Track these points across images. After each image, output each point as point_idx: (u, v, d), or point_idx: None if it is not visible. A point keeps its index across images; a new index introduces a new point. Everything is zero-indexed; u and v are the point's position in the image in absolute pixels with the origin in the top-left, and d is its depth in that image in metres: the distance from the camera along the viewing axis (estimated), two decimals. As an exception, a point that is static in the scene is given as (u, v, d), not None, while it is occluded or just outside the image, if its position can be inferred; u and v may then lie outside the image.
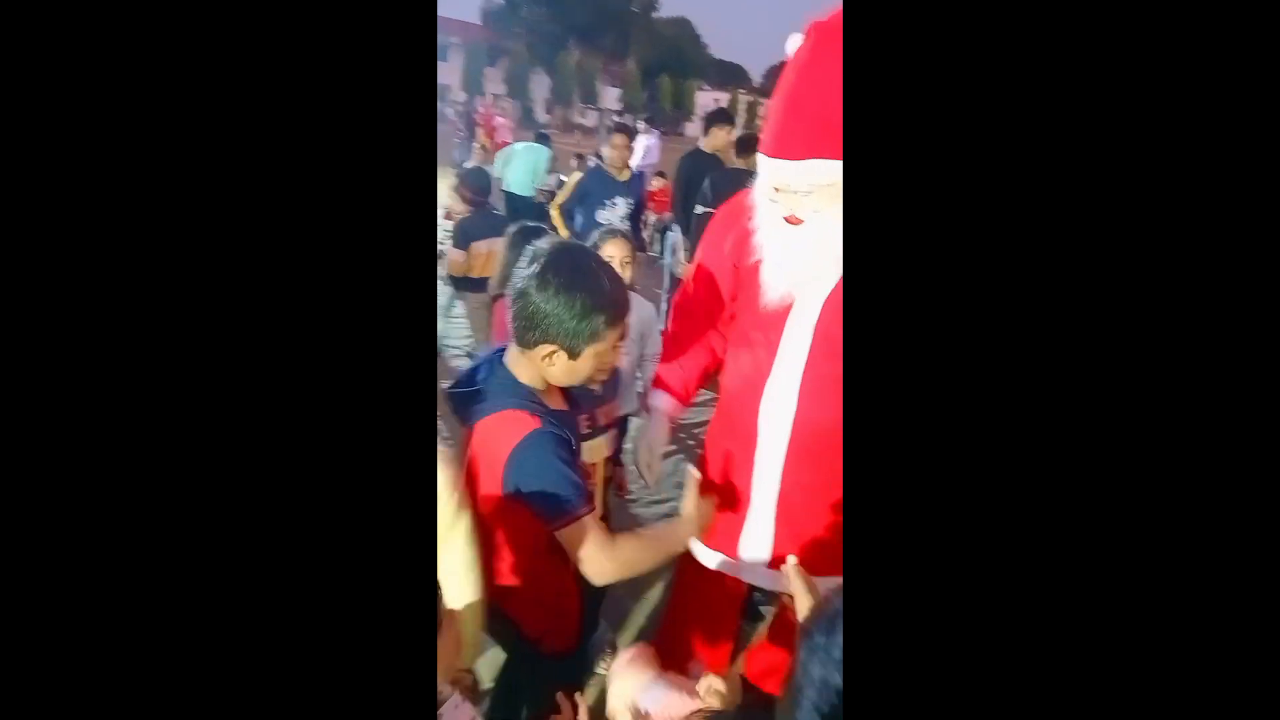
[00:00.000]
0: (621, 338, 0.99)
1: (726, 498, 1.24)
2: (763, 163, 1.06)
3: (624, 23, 47.45)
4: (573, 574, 1.05)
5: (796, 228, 1.05)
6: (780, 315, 1.13)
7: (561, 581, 1.08)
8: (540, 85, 38.33)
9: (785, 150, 1.01)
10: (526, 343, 0.96)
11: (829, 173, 0.98)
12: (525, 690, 1.15)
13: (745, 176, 1.31)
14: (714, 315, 1.27)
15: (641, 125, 9.72)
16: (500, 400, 0.97)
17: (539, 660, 1.09)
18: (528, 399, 0.98)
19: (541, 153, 5.83)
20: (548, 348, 0.95)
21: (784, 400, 1.14)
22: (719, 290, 1.25)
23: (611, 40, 46.28)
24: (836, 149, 0.97)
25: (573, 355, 0.96)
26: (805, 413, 1.13)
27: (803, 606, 0.84)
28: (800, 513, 1.17)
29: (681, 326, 1.31)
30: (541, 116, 35.29)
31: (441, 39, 34.24)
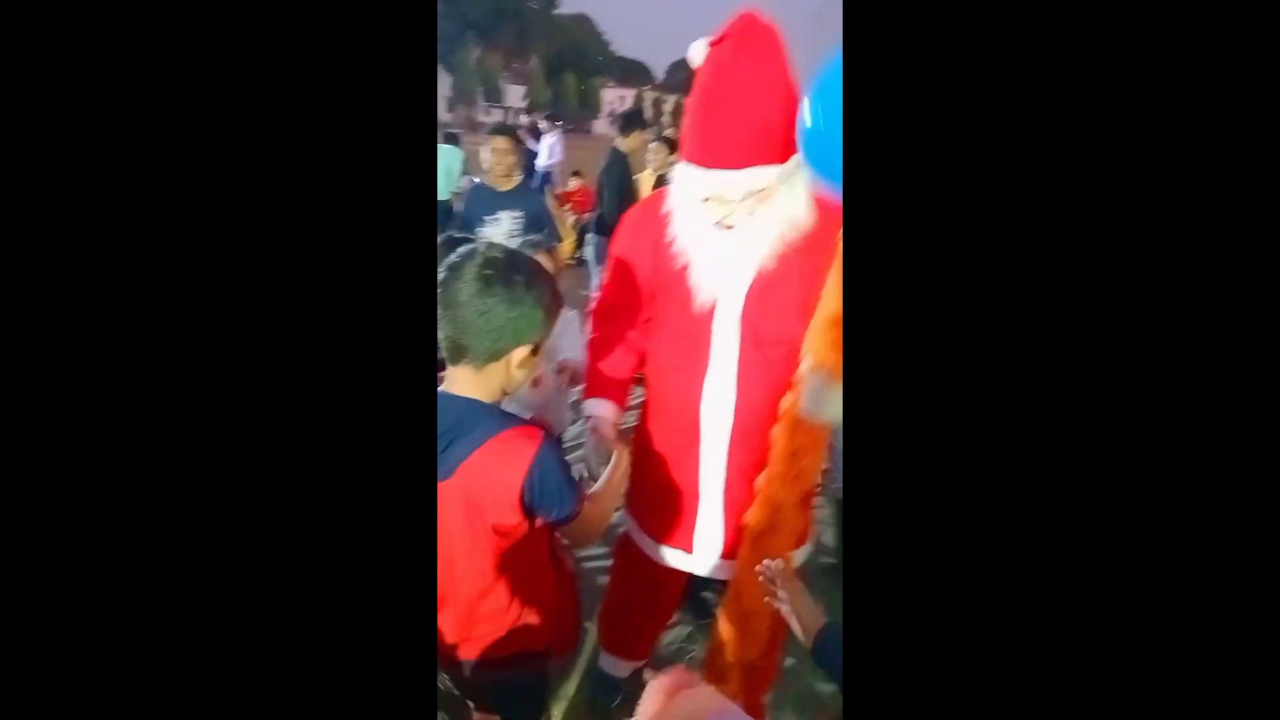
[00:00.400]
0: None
1: (673, 498, 1.28)
2: (690, 172, 1.05)
3: (524, 20, 46.80)
4: (568, 574, 1.08)
5: (726, 232, 1.06)
6: (707, 315, 1.14)
7: (562, 584, 1.07)
8: (441, 84, 37.24)
9: (721, 160, 1.00)
10: (491, 355, 0.89)
11: (762, 179, 1.00)
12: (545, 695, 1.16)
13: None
14: (634, 317, 1.28)
15: (543, 124, 9.57)
16: (481, 430, 0.89)
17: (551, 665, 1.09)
18: (508, 417, 0.93)
19: (454, 155, 5.54)
20: (521, 351, 0.90)
21: (724, 395, 1.17)
22: (638, 293, 1.23)
23: (512, 37, 45.55)
24: (772, 155, 0.99)
25: (536, 351, 0.93)
26: (744, 404, 1.16)
27: (804, 625, 0.89)
28: (745, 500, 1.23)
29: (604, 331, 1.31)
30: (444, 115, 34.28)
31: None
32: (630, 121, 3.87)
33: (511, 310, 0.86)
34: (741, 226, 1.05)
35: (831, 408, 0.99)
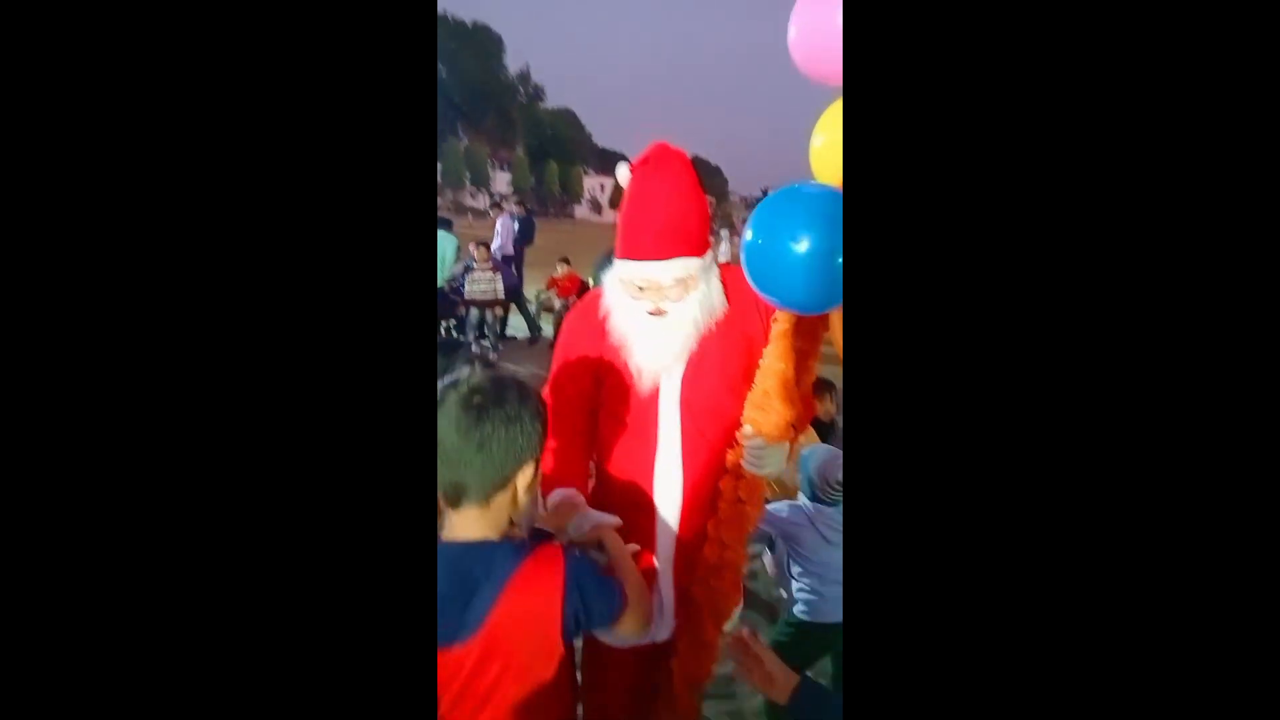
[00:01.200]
0: None
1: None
2: (626, 266, 1.22)
3: (510, 112, 49.30)
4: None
5: (659, 318, 1.22)
6: (651, 399, 1.27)
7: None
8: (429, 168, 38.82)
9: (652, 253, 1.19)
10: (497, 487, 0.84)
11: (687, 268, 1.19)
12: None
13: None
14: (583, 409, 1.35)
15: (492, 210, 9.56)
16: (500, 572, 0.83)
17: None
18: (518, 547, 0.87)
19: (447, 241, 5.43)
20: (526, 473, 0.86)
21: (672, 473, 1.29)
22: (585, 385, 1.34)
23: (499, 127, 47.84)
24: (693, 249, 1.19)
25: (538, 467, 0.89)
26: (690, 479, 1.28)
27: (778, 689, 0.91)
28: (690, 571, 1.34)
29: (556, 428, 1.33)
30: (431, 198, 35.57)
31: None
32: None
33: (511, 431, 0.83)
34: (672, 312, 1.23)
35: (771, 466, 1.17)
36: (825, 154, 1.18)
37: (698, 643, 1.12)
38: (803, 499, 1.79)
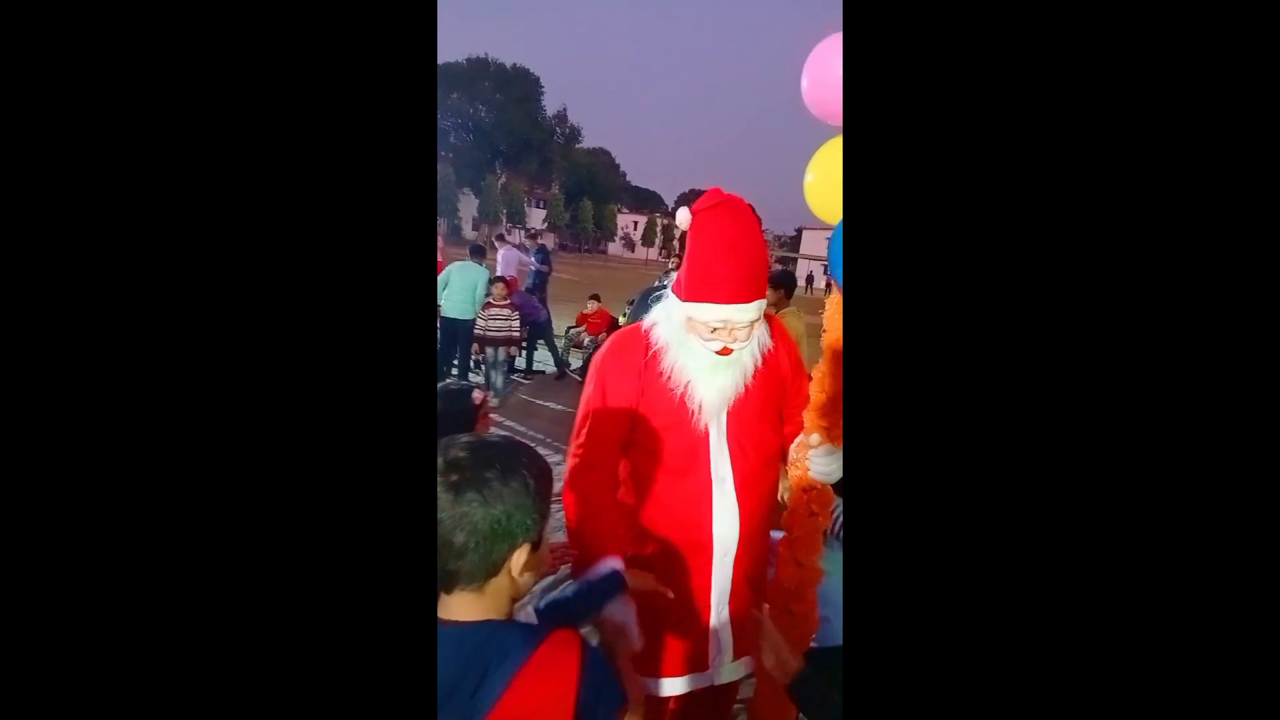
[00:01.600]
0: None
1: (689, 624, 1.30)
2: (701, 308, 1.22)
3: (547, 151, 50.72)
4: None
5: (725, 358, 1.25)
6: (704, 436, 1.27)
7: None
8: (469, 205, 40.01)
9: (735, 296, 1.21)
10: (488, 571, 0.77)
11: (760, 309, 1.24)
12: None
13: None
14: (620, 446, 1.32)
15: (496, 240, 9.65)
16: (513, 655, 0.76)
17: None
18: (532, 630, 0.81)
19: (480, 273, 5.56)
20: (521, 553, 0.78)
21: (730, 510, 1.28)
22: (626, 423, 1.30)
23: (536, 167, 49.18)
24: (762, 293, 1.24)
25: (539, 545, 0.81)
26: (746, 513, 1.29)
27: (783, 671, 0.98)
28: (748, 600, 1.32)
29: (596, 466, 1.30)
30: (470, 234, 36.56)
31: (370, 161, 35.20)
32: (784, 283, 4.06)
33: (494, 510, 0.74)
34: (739, 351, 1.26)
35: (840, 471, 1.21)
36: (815, 188, 1.32)
37: (785, 676, 1.04)
38: None
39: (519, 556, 0.78)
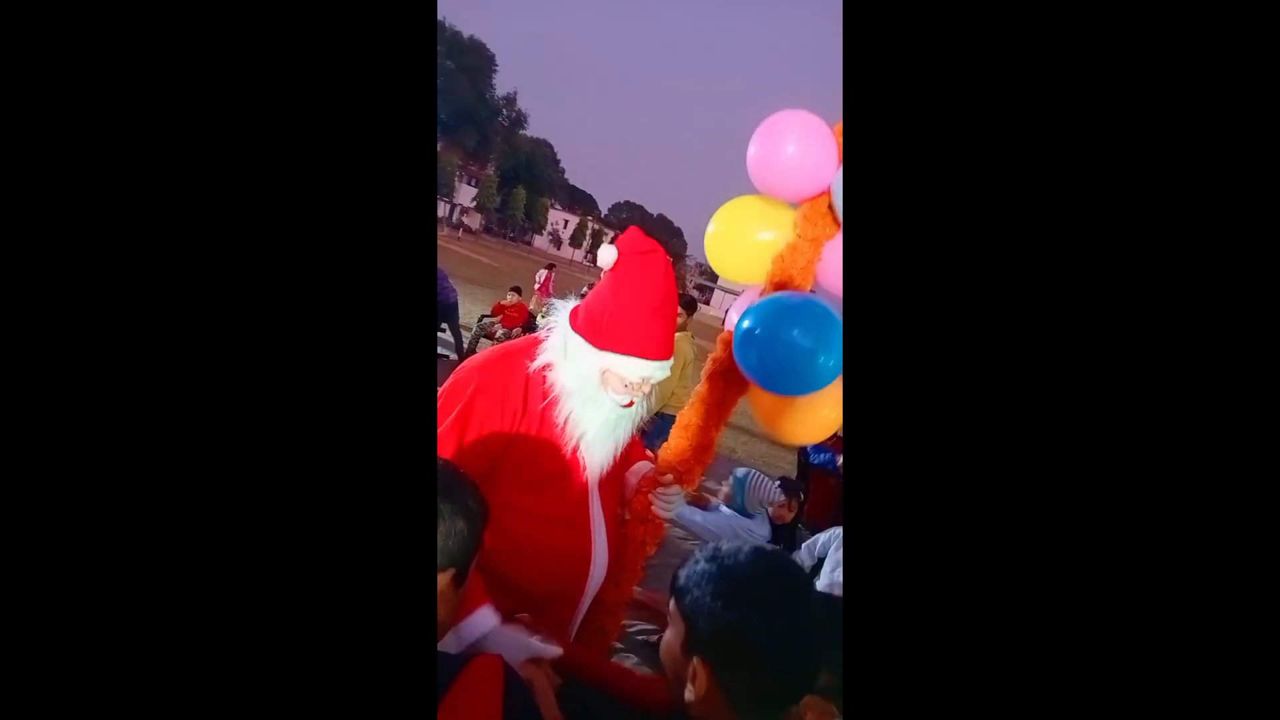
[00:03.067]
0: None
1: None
2: (621, 361, 1.15)
3: (488, 131, 49.48)
4: None
5: (626, 411, 1.21)
6: (585, 485, 1.22)
7: None
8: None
9: (660, 353, 1.17)
10: None
11: (661, 371, 1.18)
12: None
13: None
14: (486, 470, 1.20)
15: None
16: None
17: None
18: (456, 660, 0.80)
19: None
20: (443, 579, 0.77)
21: (600, 556, 1.25)
22: (498, 451, 1.19)
23: (475, 143, 47.81)
24: (669, 353, 1.19)
25: (462, 578, 0.80)
26: (613, 559, 1.28)
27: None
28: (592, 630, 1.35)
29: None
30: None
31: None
32: (687, 306, 3.97)
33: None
34: (638, 403, 1.22)
35: (676, 509, 1.32)
36: (714, 240, 1.39)
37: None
38: (722, 508, 2.38)
39: (441, 580, 0.77)
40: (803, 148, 1.23)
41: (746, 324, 1.22)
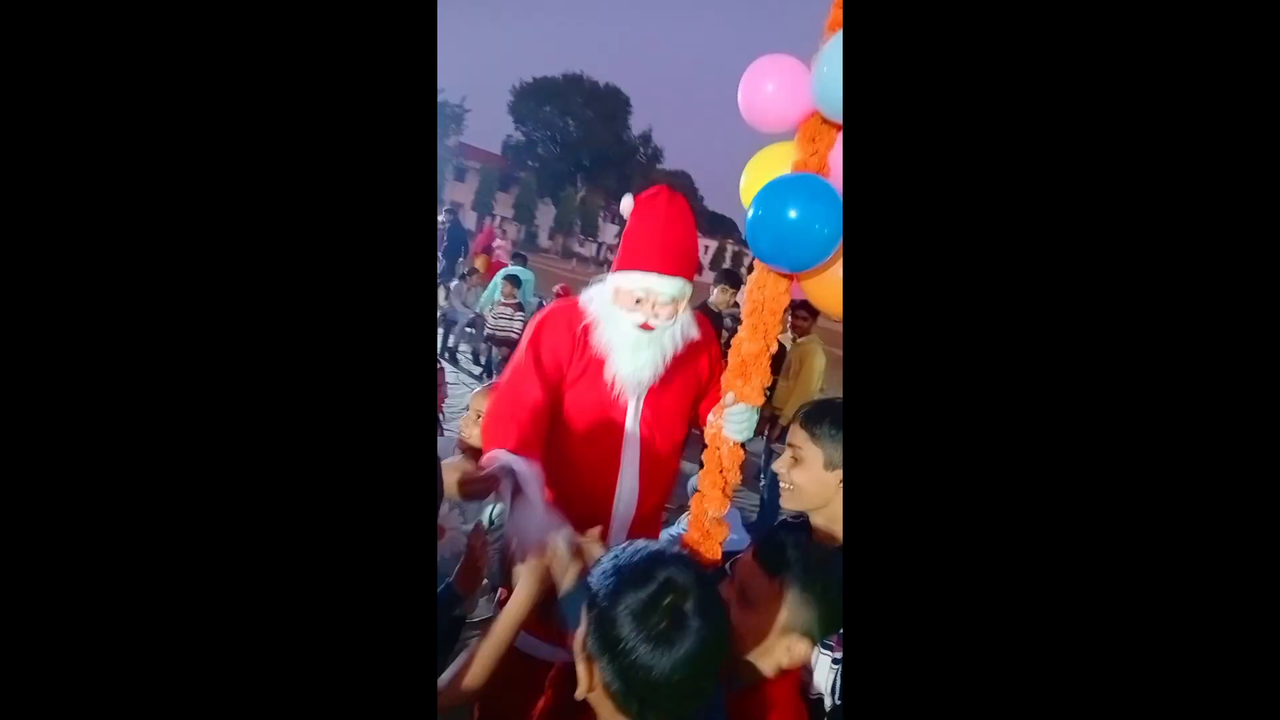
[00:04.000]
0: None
1: None
2: (626, 276, 1.32)
3: (627, 169, 51.60)
4: None
5: (647, 333, 1.32)
6: (619, 416, 1.36)
7: None
8: (546, 214, 41.22)
9: (656, 266, 1.30)
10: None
11: (682, 289, 1.33)
12: None
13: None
14: (548, 414, 1.34)
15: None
16: None
17: None
18: None
19: (526, 276, 5.89)
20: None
21: (631, 486, 1.37)
22: (552, 391, 1.35)
23: (614, 183, 50.10)
24: (688, 273, 1.33)
25: None
26: (644, 495, 1.39)
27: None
28: None
29: (532, 430, 1.31)
30: (545, 243, 37.69)
31: (462, 163, 36.89)
32: (729, 278, 4.16)
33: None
34: (659, 328, 1.33)
35: (750, 430, 1.28)
36: (750, 191, 1.35)
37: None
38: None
39: None
40: (779, 84, 1.26)
41: (751, 212, 1.24)
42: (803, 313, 3.67)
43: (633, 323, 1.33)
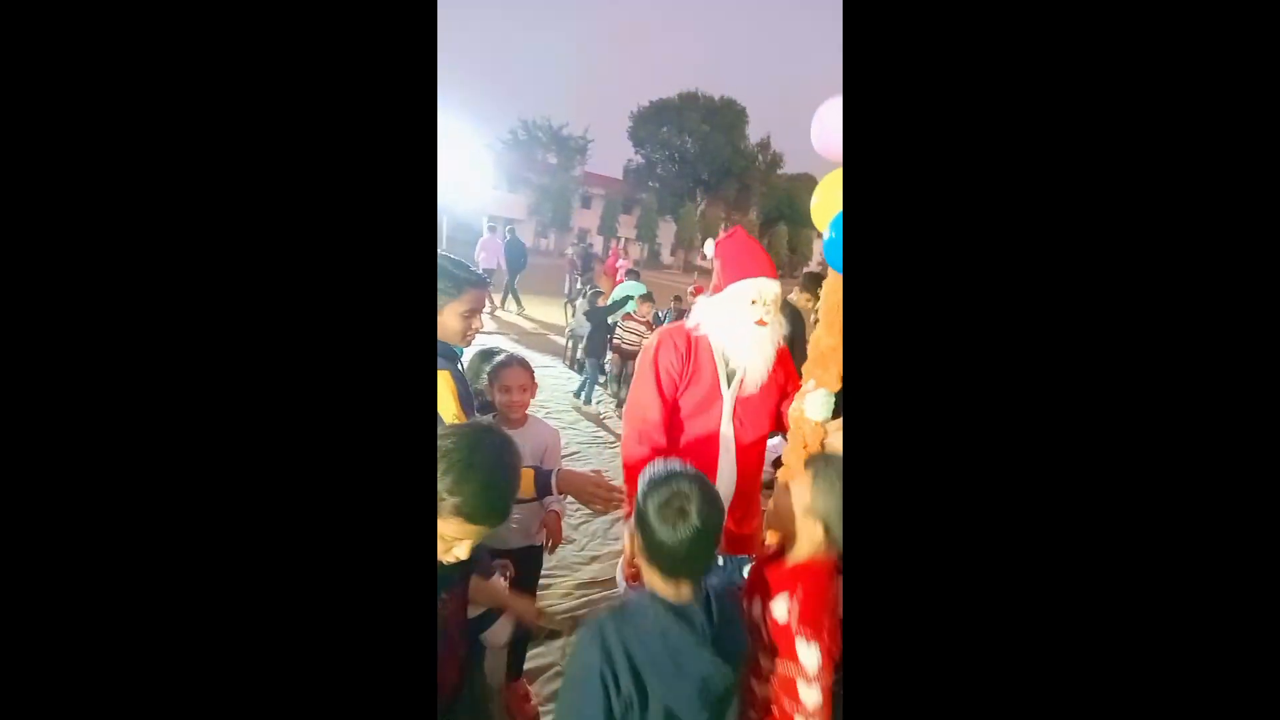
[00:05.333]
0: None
1: None
2: (742, 285, 1.72)
3: (747, 179, 51.31)
4: None
5: (762, 329, 1.72)
6: (717, 411, 1.70)
7: None
8: (668, 231, 42.33)
9: (766, 272, 1.73)
10: None
11: (778, 287, 1.74)
12: None
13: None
14: (665, 428, 1.73)
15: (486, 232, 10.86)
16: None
17: None
18: None
19: (636, 289, 6.25)
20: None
21: (730, 470, 1.75)
22: (671, 398, 1.74)
23: (735, 193, 50.03)
24: (768, 272, 1.73)
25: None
26: (742, 476, 1.76)
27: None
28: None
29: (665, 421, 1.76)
30: (667, 259, 38.72)
31: (587, 190, 38.85)
32: (812, 281, 4.24)
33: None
34: (770, 324, 1.74)
35: (828, 410, 1.61)
36: (820, 210, 1.68)
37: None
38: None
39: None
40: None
41: (828, 234, 1.61)
42: None
43: (751, 319, 1.70)
